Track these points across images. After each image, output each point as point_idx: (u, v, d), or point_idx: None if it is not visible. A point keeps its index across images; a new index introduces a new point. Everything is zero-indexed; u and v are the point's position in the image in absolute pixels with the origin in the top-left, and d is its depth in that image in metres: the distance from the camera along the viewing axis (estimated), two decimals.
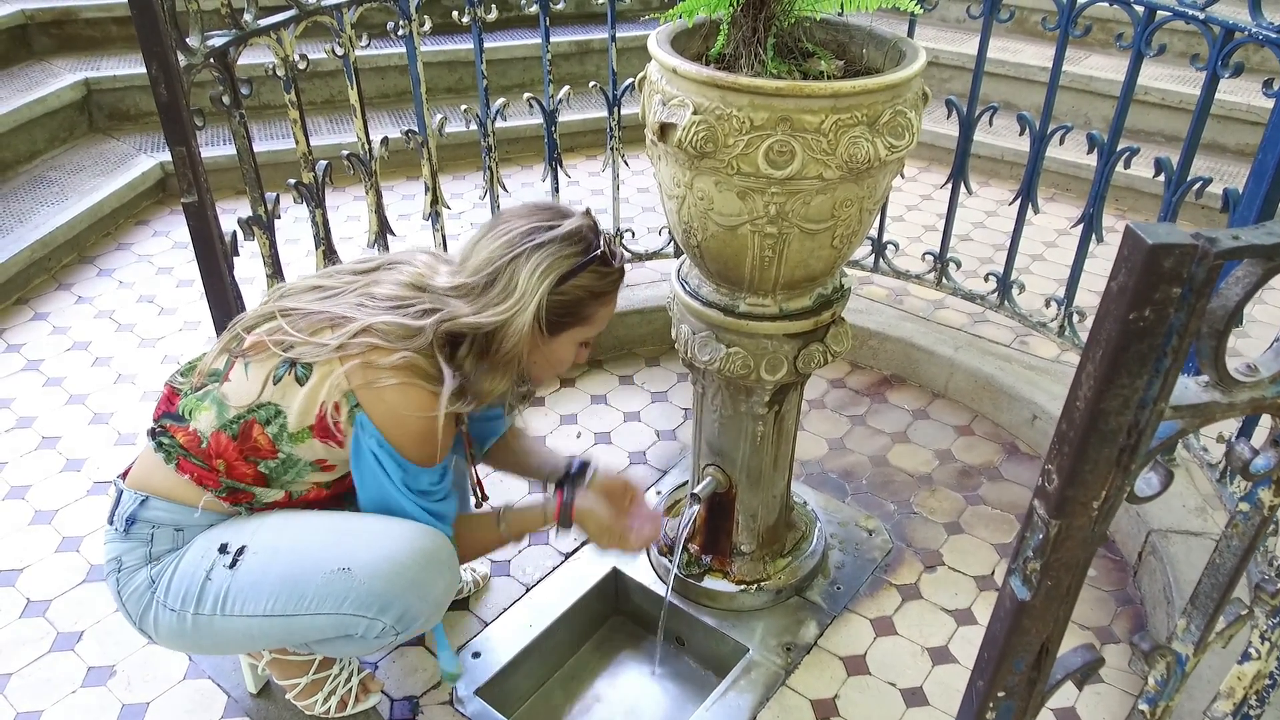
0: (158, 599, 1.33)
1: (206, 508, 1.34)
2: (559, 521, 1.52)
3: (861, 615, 1.87)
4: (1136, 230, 0.58)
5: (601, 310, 1.41)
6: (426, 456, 1.32)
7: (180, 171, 1.48)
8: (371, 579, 1.29)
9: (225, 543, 1.33)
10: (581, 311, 1.38)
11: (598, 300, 1.39)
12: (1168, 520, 1.92)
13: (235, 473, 1.33)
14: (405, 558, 1.31)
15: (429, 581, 1.34)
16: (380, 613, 1.31)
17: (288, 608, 1.30)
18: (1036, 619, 0.75)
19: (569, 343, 1.41)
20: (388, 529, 1.33)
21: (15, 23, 3.72)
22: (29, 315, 2.76)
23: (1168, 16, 1.92)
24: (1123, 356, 0.61)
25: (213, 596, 1.31)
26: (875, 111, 1.33)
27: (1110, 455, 0.65)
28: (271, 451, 1.31)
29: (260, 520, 1.36)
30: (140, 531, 1.34)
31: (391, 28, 2.09)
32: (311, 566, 1.30)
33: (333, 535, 1.33)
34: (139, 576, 1.33)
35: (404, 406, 1.28)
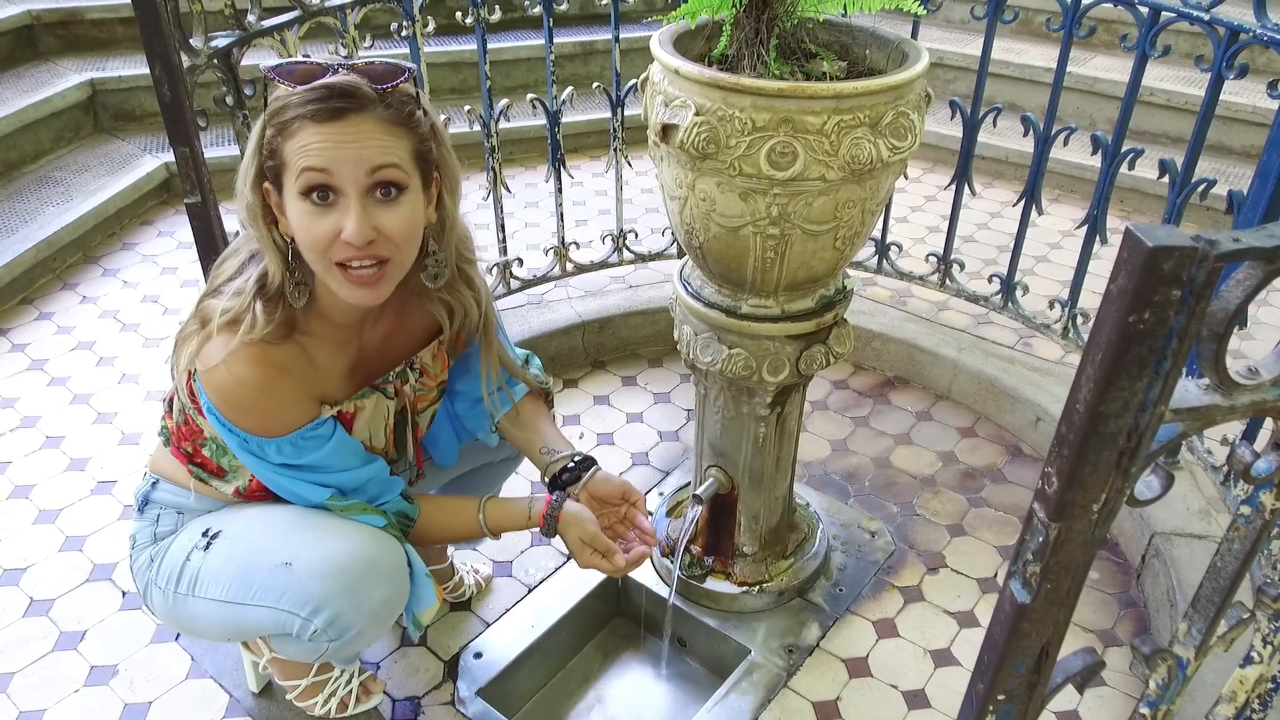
0: (152, 578, 1.38)
1: (198, 491, 1.37)
2: (543, 528, 1.41)
3: (864, 617, 1.87)
4: (1136, 232, 0.58)
5: (289, 145, 1.10)
6: (258, 425, 1.21)
7: (183, 172, 1.49)
8: (308, 577, 1.26)
9: (209, 527, 1.36)
10: (278, 151, 1.12)
11: (282, 134, 1.11)
12: (1171, 523, 1.91)
13: (200, 459, 1.35)
14: (344, 561, 1.26)
15: (365, 590, 1.27)
16: (312, 614, 1.26)
17: (236, 595, 1.30)
18: (1036, 622, 0.74)
19: (290, 196, 1.13)
20: (339, 530, 1.29)
21: (21, 23, 3.73)
22: (34, 315, 2.77)
23: (1172, 18, 1.92)
24: (1122, 359, 0.60)
25: (189, 577, 1.33)
26: (878, 113, 1.33)
27: (1110, 458, 0.65)
28: (201, 433, 1.32)
29: (242, 509, 1.38)
30: (150, 512, 1.40)
31: (395, 28, 2.09)
32: (263, 558, 1.29)
33: (290, 530, 1.31)
34: (144, 555, 1.39)
35: (208, 358, 1.18)
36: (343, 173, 1.10)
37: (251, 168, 1.15)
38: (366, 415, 1.35)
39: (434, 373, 1.45)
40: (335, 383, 1.30)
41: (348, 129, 1.09)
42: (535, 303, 2.69)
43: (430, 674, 1.74)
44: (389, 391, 1.37)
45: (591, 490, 1.47)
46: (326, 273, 1.16)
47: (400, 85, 1.15)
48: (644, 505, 1.51)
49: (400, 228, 1.16)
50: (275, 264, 1.18)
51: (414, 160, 1.17)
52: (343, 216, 1.11)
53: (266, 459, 1.25)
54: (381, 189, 1.13)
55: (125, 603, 1.84)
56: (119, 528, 2.02)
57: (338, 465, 1.29)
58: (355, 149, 1.10)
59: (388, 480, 1.37)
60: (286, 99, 1.10)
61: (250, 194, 1.16)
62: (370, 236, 1.12)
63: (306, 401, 1.25)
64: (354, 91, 1.10)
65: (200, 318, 1.21)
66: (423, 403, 1.46)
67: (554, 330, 2.60)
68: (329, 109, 1.09)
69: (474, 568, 1.92)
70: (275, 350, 1.20)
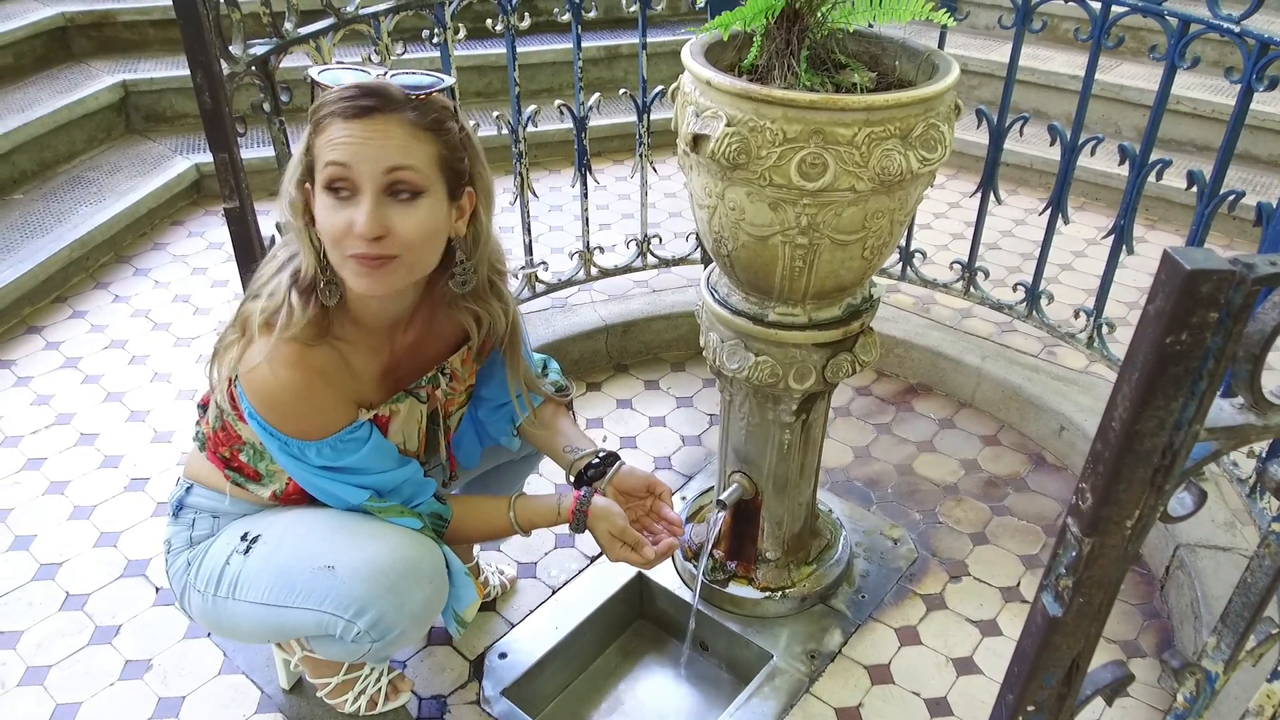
0: (190, 581, 1.40)
1: (234, 495, 1.40)
2: (572, 523, 1.42)
3: (886, 624, 1.88)
4: (1174, 255, 0.59)
5: (319, 140, 1.15)
6: (297, 429, 1.24)
7: (222, 177, 1.52)
8: (351, 579, 1.28)
9: (247, 531, 1.38)
10: (313, 148, 1.16)
11: (315, 131, 1.16)
12: (1196, 535, 1.91)
13: (236, 463, 1.37)
14: (386, 563, 1.29)
15: (407, 591, 1.30)
16: (356, 616, 1.29)
17: (278, 598, 1.33)
18: (1068, 635, 0.75)
19: (319, 192, 1.16)
20: (380, 533, 1.32)
21: (55, 25, 3.79)
22: (67, 313, 2.82)
23: (1202, 29, 1.91)
24: (1159, 379, 0.61)
25: (228, 580, 1.36)
26: (908, 124, 1.34)
27: (1144, 475, 0.66)
28: (239, 439, 1.35)
29: (280, 512, 1.40)
30: (185, 517, 1.42)
31: (426, 35, 2.12)
32: (303, 561, 1.32)
33: (330, 533, 1.33)
34: (181, 559, 1.41)
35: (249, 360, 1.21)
36: (360, 168, 1.13)
37: (299, 166, 1.19)
38: (401, 419, 1.38)
39: (462, 377, 1.48)
40: (370, 387, 1.33)
41: (371, 126, 1.13)
42: (559, 306, 2.72)
43: (456, 673, 1.76)
44: (421, 395, 1.40)
45: (617, 485, 1.49)
46: (342, 266, 1.18)
47: (433, 94, 1.18)
48: (669, 497, 1.53)
49: (412, 230, 1.17)
50: (309, 259, 1.21)
51: (438, 167, 1.19)
52: (356, 211, 1.14)
53: (306, 461, 1.28)
54: (398, 189, 1.16)
55: (159, 598, 1.88)
56: (151, 524, 2.06)
57: (374, 467, 1.32)
58: (375, 146, 1.13)
59: (422, 482, 1.40)
60: (323, 98, 1.16)
61: (294, 190, 1.20)
62: (379, 233, 1.14)
63: (344, 405, 1.28)
64: (382, 92, 1.14)
65: (240, 324, 1.24)
66: (452, 406, 1.49)
67: (577, 334, 2.62)
68: (357, 106, 1.13)
69: (499, 569, 1.94)
70: (313, 354, 1.23)
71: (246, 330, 1.23)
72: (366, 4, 1.89)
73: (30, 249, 2.88)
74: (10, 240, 2.93)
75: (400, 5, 1.97)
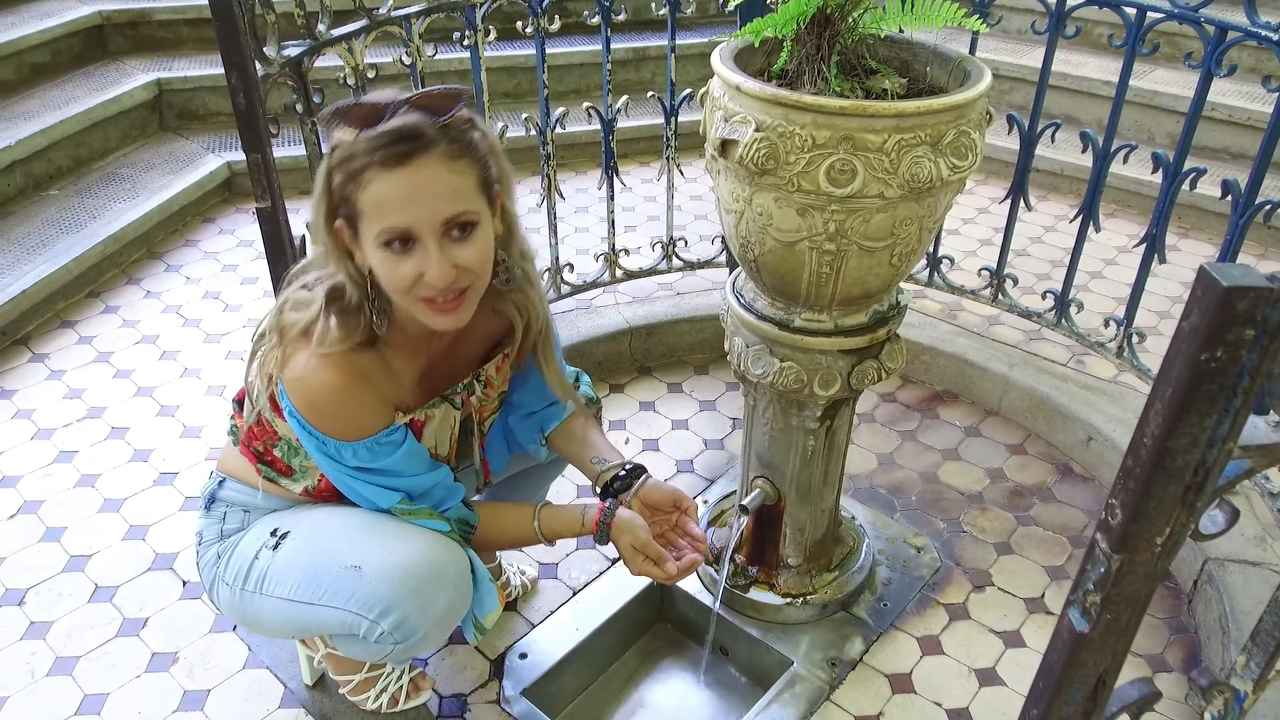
0: (219, 574, 1.42)
1: (266, 490, 1.42)
2: (595, 535, 1.43)
3: (908, 633, 1.87)
4: (1211, 271, 0.58)
5: (363, 197, 1.13)
6: (336, 430, 1.26)
7: (255, 178, 1.53)
8: (376, 580, 1.30)
9: (277, 527, 1.40)
10: (350, 200, 1.15)
11: (353, 184, 1.14)
12: (1225, 549, 1.88)
13: (269, 457, 1.39)
14: (412, 565, 1.30)
15: (431, 595, 1.31)
16: (380, 616, 1.30)
17: (304, 595, 1.34)
18: (1095, 651, 0.75)
19: (370, 244, 1.17)
20: (407, 536, 1.33)
21: (92, 23, 3.85)
22: (100, 308, 2.86)
23: (1240, 37, 1.89)
24: (1193, 396, 0.61)
25: (256, 575, 1.38)
26: (939, 132, 1.33)
27: (1176, 493, 0.66)
28: (275, 434, 1.36)
29: (310, 509, 1.42)
30: (217, 510, 1.44)
31: (457, 37, 2.13)
32: (331, 560, 1.33)
33: (358, 533, 1.35)
34: (211, 551, 1.43)
35: (293, 366, 1.23)
36: (419, 224, 1.14)
37: (322, 209, 1.18)
38: (435, 424, 1.39)
39: (496, 383, 1.49)
40: (407, 390, 1.34)
41: (418, 175, 1.12)
42: (584, 308, 2.72)
43: (476, 672, 1.77)
44: (456, 402, 1.41)
45: (643, 498, 1.48)
46: (413, 307, 1.21)
47: (458, 115, 1.18)
48: (695, 513, 1.53)
49: (477, 259, 1.20)
50: (354, 291, 1.23)
51: (480, 190, 1.20)
52: (423, 261, 1.15)
53: (342, 462, 1.29)
54: (458, 229, 1.17)
55: (185, 592, 1.90)
56: (180, 518, 2.09)
57: (407, 470, 1.33)
58: (429, 198, 1.13)
59: (451, 487, 1.40)
60: (353, 147, 1.13)
61: (326, 235, 1.20)
62: (452, 276, 1.17)
63: (383, 408, 1.29)
64: (414, 133, 1.13)
65: (279, 332, 1.25)
66: (485, 412, 1.50)
67: (602, 335, 2.63)
68: (396, 154, 1.11)
69: (520, 569, 1.95)
70: (359, 358, 1.25)
71: (285, 337, 1.24)
72: (399, 6, 1.91)
73: (65, 244, 2.92)
74: (45, 236, 2.98)
75: (432, 7, 1.99)
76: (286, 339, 1.24)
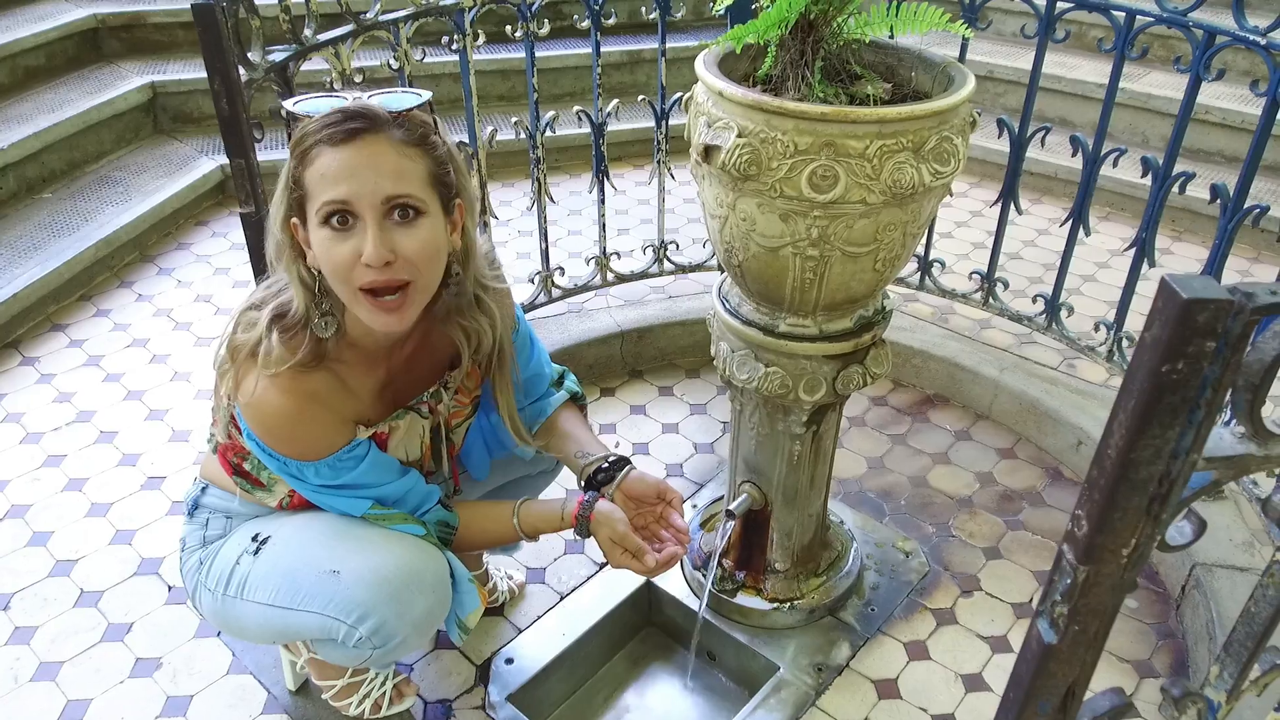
0: (202, 580, 1.43)
1: (243, 499, 1.42)
2: (575, 528, 1.40)
3: (895, 638, 1.86)
4: (1172, 283, 0.58)
5: (309, 173, 1.14)
6: (295, 451, 1.26)
7: (239, 183, 1.53)
8: (355, 585, 1.29)
9: (258, 532, 1.40)
10: (300, 182, 1.15)
11: (302, 164, 1.14)
12: (1214, 554, 1.88)
13: (242, 470, 1.39)
14: (390, 570, 1.30)
15: (409, 599, 1.31)
16: (358, 621, 1.30)
17: (284, 600, 1.34)
18: (1063, 662, 0.74)
19: (315, 227, 1.15)
20: (385, 541, 1.33)
21: (87, 26, 3.85)
22: (91, 311, 2.86)
23: (1228, 41, 1.89)
24: (1155, 407, 0.61)
25: (238, 580, 1.38)
26: (921, 137, 1.33)
27: (1140, 504, 0.65)
28: (245, 450, 1.35)
29: (290, 515, 1.42)
30: (200, 516, 1.45)
31: (446, 41, 2.13)
32: (310, 565, 1.33)
33: (337, 538, 1.35)
34: (194, 558, 1.44)
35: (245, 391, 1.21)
36: (360, 196, 1.12)
37: (281, 206, 1.18)
38: (400, 435, 1.38)
39: (468, 389, 1.47)
40: (367, 404, 1.33)
41: (362, 150, 1.12)
42: (575, 311, 2.72)
43: (462, 678, 1.76)
44: (423, 411, 1.40)
45: (626, 489, 1.45)
46: (353, 301, 1.18)
47: (414, 111, 1.18)
48: (680, 504, 1.50)
49: (418, 250, 1.17)
50: (302, 297, 1.21)
51: (431, 184, 1.19)
52: (361, 239, 1.13)
53: (306, 481, 1.30)
54: (399, 211, 1.15)
55: (171, 597, 1.90)
56: (167, 523, 2.08)
57: (375, 481, 1.33)
58: (371, 172, 1.12)
59: (426, 490, 1.40)
60: (304, 128, 1.14)
61: (280, 232, 1.19)
62: (388, 258, 1.14)
63: (341, 426, 1.28)
64: (367, 113, 1.13)
65: (231, 352, 1.24)
66: (457, 419, 1.49)
67: (593, 339, 2.63)
68: (345, 130, 1.12)
69: (508, 574, 1.94)
70: (308, 379, 1.23)
71: (236, 359, 1.23)
72: (387, 10, 1.91)
73: (57, 248, 2.92)
74: (38, 239, 2.98)
75: (420, 11, 1.98)
76: (237, 361, 1.23)
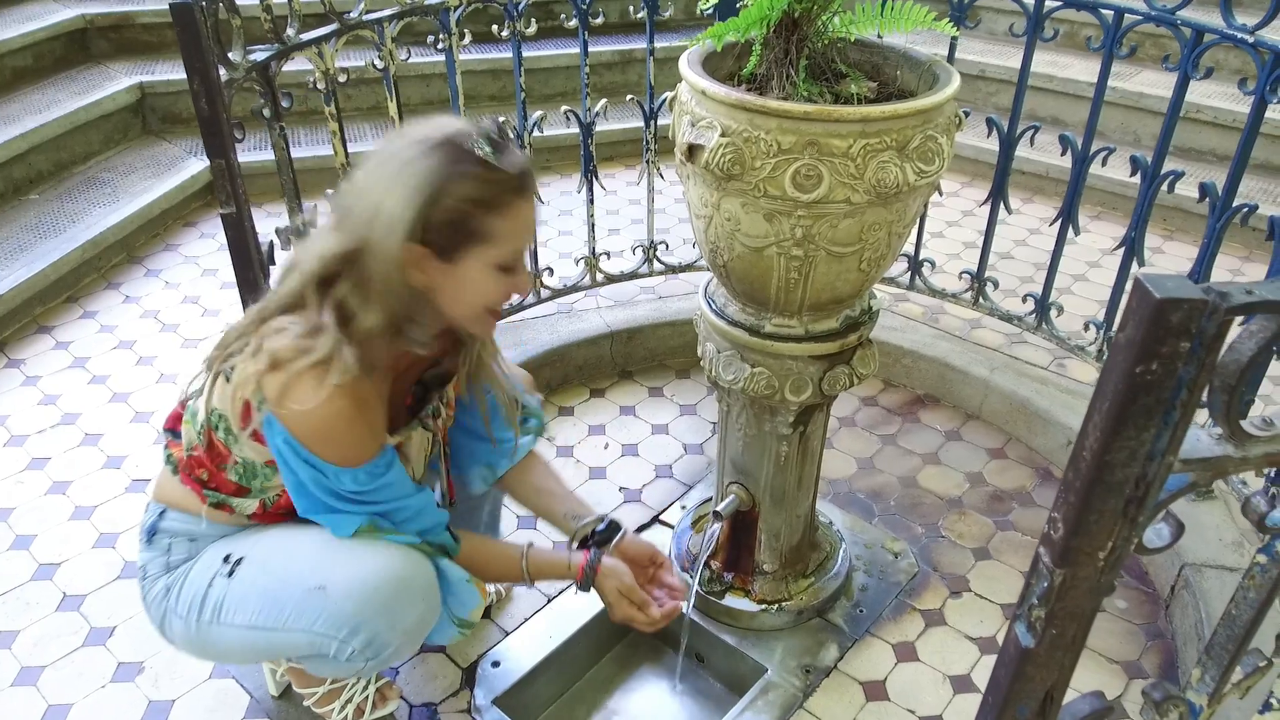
0: (170, 607, 1.37)
1: (210, 518, 1.37)
2: (580, 582, 1.50)
3: (883, 640, 1.85)
4: (1145, 283, 0.57)
5: (500, 224, 1.19)
6: (340, 457, 1.23)
7: (219, 184, 1.52)
8: (343, 599, 1.28)
9: (229, 553, 1.36)
10: (471, 226, 1.18)
11: (490, 211, 1.18)
12: (1203, 554, 1.87)
13: (215, 482, 1.34)
14: (379, 582, 1.29)
15: (400, 609, 1.31)
16: (350, 635, 1.29)
17: (267, 621, 1.32)
18: (1041, 666, 0.74)
19: (478, 267, 1.21)
20: (368, 551, 1.31)
21: (75, 27, 3.82)
22: (78, 313, 2.84)
23: (1215, 39, 1.88)
24: (1129, 409, 0.60)
25: (212, 604, 1.34)
26: (905, 136, 1.32)
27: (1116, 507, 0.64)
28: (228, 455, 1.31)
29: (263, 532, 1.38)
30: (160, 542, 1.38)
31: (432, 40, 2.11)
32: (292, 582, 1.31)
33: (318, 553, 1.32)
34: (159, 585, 1.38)
35: (301, 397, 1.18)
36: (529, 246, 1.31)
37: (405, 224, 1.15)
38: (414, 446, 1.41)
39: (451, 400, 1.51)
40: (386, 416, 1.34)
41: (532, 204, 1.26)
42: (564, 312, 2.71)
43: (448, 681, 1.75)
44: (429, 425, 1.43)
45: (622, 551, 1.56)
46: (476, 320, 1.29)
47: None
48: (670, 567, 1.62)
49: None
50: (386, 313, 1.21)
51: None
52: (517, 280, 1.27)
53: (340, 488, 1.26)
54: None
55: None
56: None
57: (400, 493, 1.32)
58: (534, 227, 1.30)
59: (438, 512, 1.40)
60: (500, 175, 1.18)
61: (397, 249, 1.16)
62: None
63: (380, 433, 1.29)
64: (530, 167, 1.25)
65: (271, 358, 1.19)
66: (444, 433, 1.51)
67: (582, 339, 2.61)
68: (529, 188, 1.24)
69: None
70: (362, 385, 1.22)
71: (281, 366, 1.18)
72: (371, 9, 1.89)
73: (43, 249, 2.90)
74: (24, 241, 2.96)
75: (405, 11, 1.97)
76: (288, 369, 1.18)
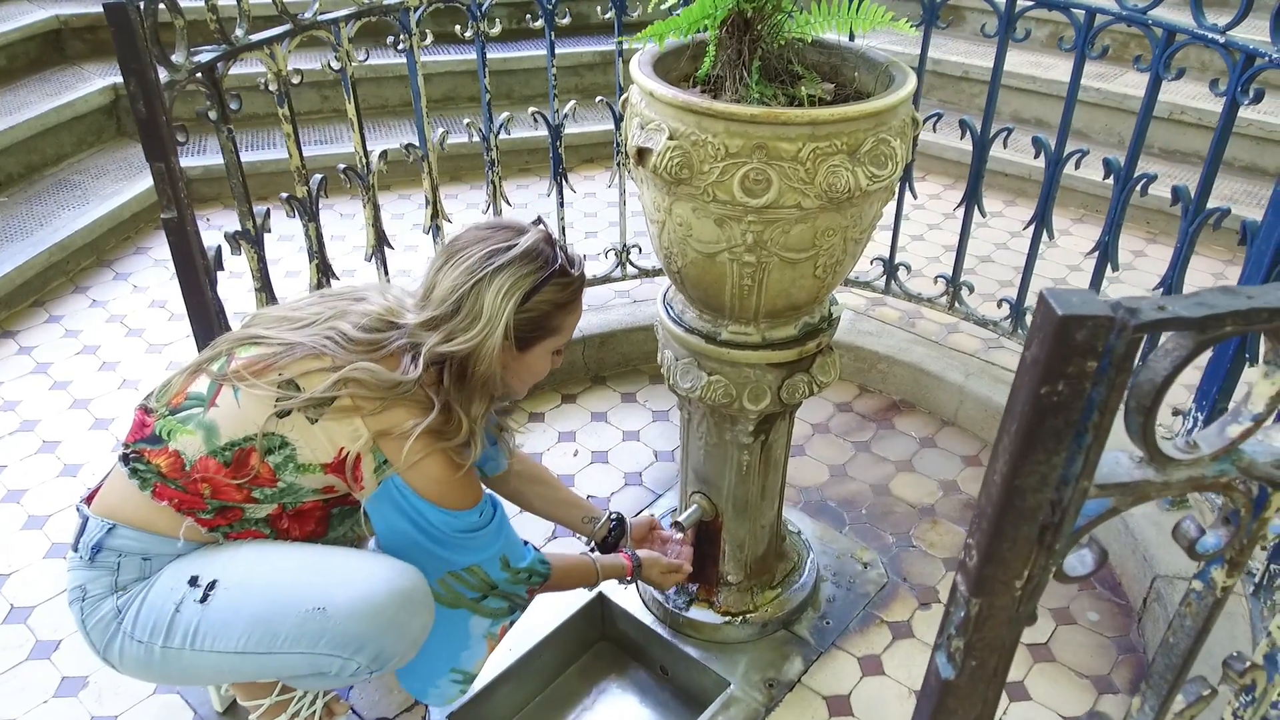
0: (124, 630, 1.29)
1: (188, 536, 1.30)
2: (630, 579, 1.71)
3: (849, 653, 1.82)
4: (1049, 298, 0.53)
5: (569, 318, 1.43)
6: (469, 502, 1.38)
7: (160, 188, 1.48)
8: (347, 620, 1.27)
9: (195, 575, 1.29)
10: (549, 324, 1.40)
11: (563, 310, 1.41)
12: (1175, 565, 1.84)
13: (222, 494, 1.29)
14: (382, 598, 1.28)
15: (405, 622, 1.31)
16: (355, 653, 1.28)
17: (260, 646, 1.27)
18: (963, 699, 0.70)
19: (542, 354, 1.44)
20: (364, 567, 1.31)
21: (49, 28, 3.79)
22: (43, 318, 2.80)
23: (1186, 40, 1.85)
24: (1037, 431, 0.56)
25: (182, 630, 1.28)
26: (856, 140, 1.28)
27: (1030, 533, 0.61)
28: (271, 480, 1.28)
29: (233, 551, 1.32)
30: (106, 560, 1.29)
31: (392, 41, 2.08)
32: (286, 606, 1.27)
33: (308, 573, 1.30)
34: (104, 606, 1.29)
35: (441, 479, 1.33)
36: None
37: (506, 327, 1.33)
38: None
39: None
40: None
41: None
42: None
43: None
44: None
45: (634, 537, 1.81)
46: (522, 388, 1.49)
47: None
48: (658, 523, 1.85)
49: None
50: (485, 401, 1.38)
51: None
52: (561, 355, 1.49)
53: (470, 528, 1.37)
54: None
55: None
56: None
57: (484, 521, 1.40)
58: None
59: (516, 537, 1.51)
60: (571, 285, 1.40)
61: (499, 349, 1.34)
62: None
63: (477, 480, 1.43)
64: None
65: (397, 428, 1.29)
66: None
67: None
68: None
69: None
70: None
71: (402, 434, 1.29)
72: (326, 10, 1.85)
73: (8, 253, 2.86)
74: None
75: (362, 10, 1.93)
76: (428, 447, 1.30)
